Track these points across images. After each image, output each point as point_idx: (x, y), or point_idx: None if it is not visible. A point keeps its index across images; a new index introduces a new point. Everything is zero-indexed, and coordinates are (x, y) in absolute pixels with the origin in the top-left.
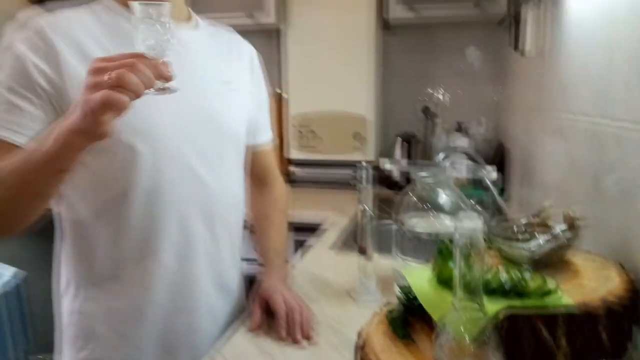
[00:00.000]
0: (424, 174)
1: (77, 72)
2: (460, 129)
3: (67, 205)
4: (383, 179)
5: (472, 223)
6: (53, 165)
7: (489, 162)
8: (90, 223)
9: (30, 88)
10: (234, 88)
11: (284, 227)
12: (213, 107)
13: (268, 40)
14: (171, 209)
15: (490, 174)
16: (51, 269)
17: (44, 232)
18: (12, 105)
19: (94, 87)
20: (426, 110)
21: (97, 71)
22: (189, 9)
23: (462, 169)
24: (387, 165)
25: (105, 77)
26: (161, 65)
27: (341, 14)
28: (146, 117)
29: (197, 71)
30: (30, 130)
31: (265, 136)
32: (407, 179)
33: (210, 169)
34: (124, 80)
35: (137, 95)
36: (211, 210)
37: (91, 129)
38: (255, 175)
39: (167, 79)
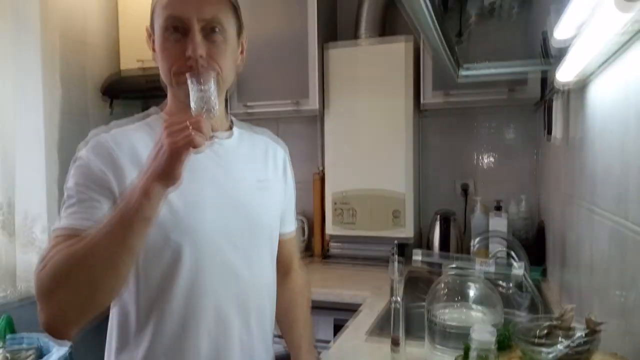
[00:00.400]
0: (453, 266)
1: None
2: (499, 207)
3: (116, 299)
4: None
5: (485, 336)
6: (142, 215)
7: (530, 240)
8: (135, 316)
9: (100, 187)
10: (268, 187)
11: (309, 315)
12: (249, 205)
13: (312, 122)
14: (209, 300)
15: (519, 269)
16: (98, 342)
17: None
18: (91, 199)
19: (175, 133)
20: (465, 188)
21: (172, 124)
22: (231, 117)
23: (491, 264)
24: (418, 257)
25: (186, 124)
26: (211, 120)
27: (379, 99)
28: (192, 217)
29: (235, 174)
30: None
31: (290, 227)
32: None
33: (246, 261)
34: (199, 126)
35: (206, 139)
36: (246, 300)
37: (172, 169)
38: (280, 264)
39: (215, 129)
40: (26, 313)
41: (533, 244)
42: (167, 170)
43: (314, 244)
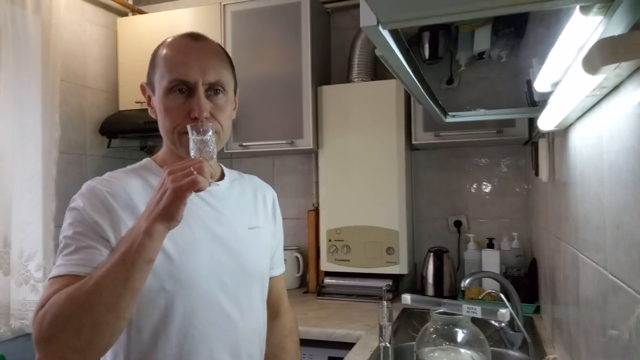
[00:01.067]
0: (441, 310)
1: None
2: (491, 244)
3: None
4: (415, 290)
5: None
6: (145, 255)
7: (523, 277)
8: None
9: (97, 236)
10: (258, 233)
11: (299, 359)
12: (241, 251)
13: (307, 159)
14: (202, 347)
15: (504, 315)
16: None
17: None
18: (89, 246)
19: (179, 176)
20: (458, 225)
21: (175, 170)
22: (221, 165)
23: (477, 310)
24: (407, 301)
25: (190, 169)
26: (209, 166)
27: (372, 137)
28: (186, 265)
29: (227, 220)
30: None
31: (279, 269)
32: (440, 290)
33: (238, 307)
34: (202, 169)
35: (207, 181)
36: (238, 345)
37: (176, 210)
38: (268, 305)
39: (213, 176)
40: (19, 351)
41: (526, 280)
42: (170, 212)
43: (309, 280)
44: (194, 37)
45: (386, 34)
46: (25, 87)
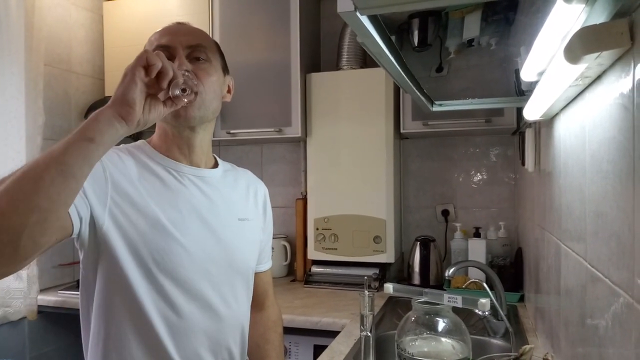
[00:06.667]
0: (423, 300)
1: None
2: (478, 234)
3: (91, 340)
4: (401, 278)
5: None
6: (84, 133)
7: (509, 266)
8: (105, 350)
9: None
10: (248, 225)
11: (282, 350)
12: (229, 241)
13: (296, 146)
14: (182, 339)
15: (484, 305)
16: None
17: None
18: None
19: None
20: (445, 214)
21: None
22: (215, 156)
23: (458, 299)
24: (389, 290)
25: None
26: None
27: (360, 125)
28: (173, 251)
29: (218, 208)
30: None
31: (267, 264)
32: (426, 279)
33: (221, 298)
34: (157, 56)
35: (164, 68)
36: (218, 339)
37: (125, 92)
38: (254, 298)
39: (192, 87)
40: (2, 339)
41: (512, 269)
42: (120, 94)
43: (297, 268)
44: (180, 23)
45: (365, 20)
46: (7, 72)
